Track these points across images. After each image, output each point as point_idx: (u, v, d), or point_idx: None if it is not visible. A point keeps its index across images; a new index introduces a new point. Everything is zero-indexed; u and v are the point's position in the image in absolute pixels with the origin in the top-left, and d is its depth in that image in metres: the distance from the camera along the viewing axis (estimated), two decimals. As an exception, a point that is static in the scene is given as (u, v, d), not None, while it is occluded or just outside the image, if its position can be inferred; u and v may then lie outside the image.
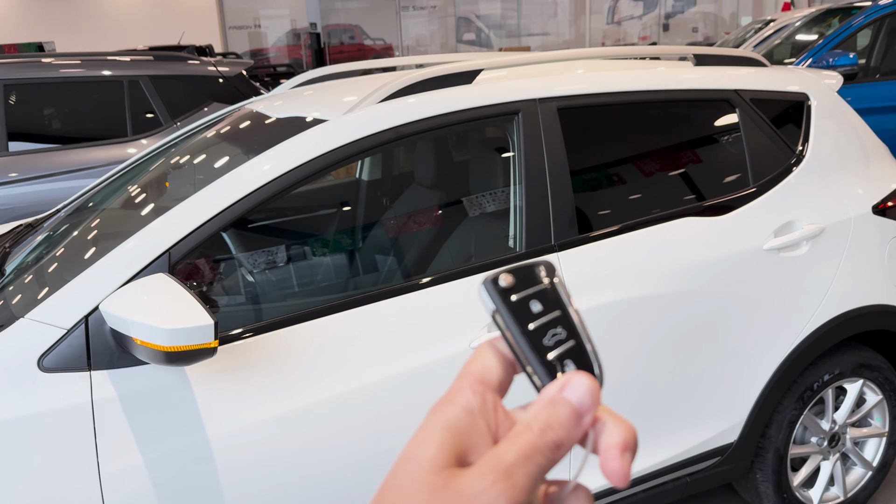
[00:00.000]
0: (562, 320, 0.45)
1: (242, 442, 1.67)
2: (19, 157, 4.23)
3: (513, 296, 0.45)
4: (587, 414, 0.42)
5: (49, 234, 2.33)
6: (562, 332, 0.45)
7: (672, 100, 2.27)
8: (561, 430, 0.41)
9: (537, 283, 0.46)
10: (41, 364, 1.56)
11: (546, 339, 0.44)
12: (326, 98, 2.31)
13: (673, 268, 2.07)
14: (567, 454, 0.42)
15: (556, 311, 0.45)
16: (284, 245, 2.41)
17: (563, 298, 0.46)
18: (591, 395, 0.42)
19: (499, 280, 0.45)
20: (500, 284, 0.45)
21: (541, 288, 0.45)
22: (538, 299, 0.45)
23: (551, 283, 0.46)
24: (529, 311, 0.45)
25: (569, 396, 0.42)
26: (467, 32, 15.72)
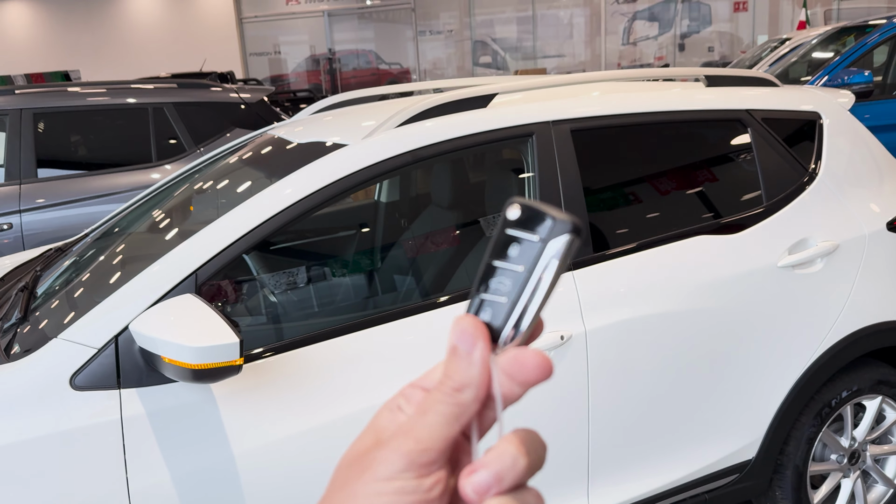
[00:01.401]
0: (516, 277, 0.43)
1: (266, 458, 1.71)
2: (48, 184, 4.34)
3: (507, 228, 0.43)
4: (475, 350, 0.42)
5: (78, 257, 2.40)
6: (506, 286, 0.43)
7: (684, 120, 2.30)
8: (456, 375, 0.42)
9: (533, 231, 0.43)
10: (73, 382, 1.62)
11: (493, 281, 0.43)
12: (346, 123, 2.37)
13: (688, 286, 2.10)
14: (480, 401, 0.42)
15: (520, 267, 0.43)
16: (305, 266, 2.46)
17: (538, 263, 0.43)
18: (469, 333, 0.42)
19: (509, 207, 0.43)
20: (507, 213, 0.43)
21: (529, 238, 0.43)
22: (519, 246, 0.43)
23: (542, 241, 0.43)
24: (505, 250, 0.43)
25: (451, 340, 0.43)
26: (483, 55, 15.85)
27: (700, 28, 15.04)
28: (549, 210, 0.43)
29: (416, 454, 0.41)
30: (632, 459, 2.12)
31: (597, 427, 2.01)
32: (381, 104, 2.63)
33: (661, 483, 2.16)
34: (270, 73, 16.17)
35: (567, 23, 15.53)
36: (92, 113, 4.60)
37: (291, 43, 16.30)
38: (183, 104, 4.65)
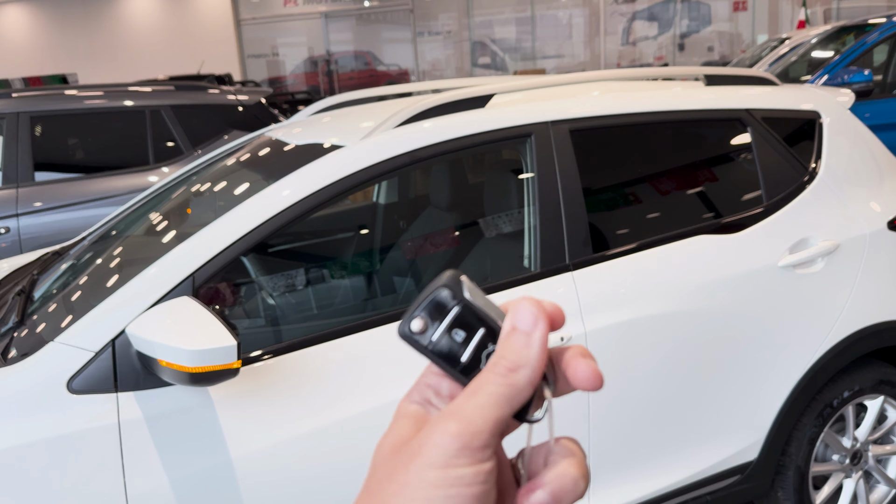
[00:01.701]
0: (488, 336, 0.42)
1: (266, 461, 1.70)
2: (46, 187, 4.33)
3: (431, 336, 0.42)
4: (535, 330, 0.41)
5: (75, 261, 2.39)
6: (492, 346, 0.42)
7: (683, 120, 2.30)
8: (512, 355, 0.40)
9: (446, 311, 0.42)
10: (70, 386, 1.61)
11: (483, 363, 0.42)
12: (343, 124, 2.36)
13: (688, 286, 2.09)
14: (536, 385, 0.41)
15: (481, 329, 0.42)
16: (303, 268, 2.46)
17: (480, 311, 0.42)
18: (531, 312, 0.41)
19: (410, 327, 0.42)
20: (413, 329, 0.42)
21: (452, 315, 0.42)
22: (455, 329, 0.42)
23: (461, 303, 0.42)
24: (455, 343, 0.42)
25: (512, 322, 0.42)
26: (482, 56, 15.86)
27: (700, 28, 15.03)
28: (429, 289, 0.42)
29: (468, 437, 0.39)
30: (632, 461, 2.11)
31: (597, 429, 2.00)
32: (379, 105, 2.62)
33: (662, 485, 2.15)
34: (268, 75, 16.18)
35: (566, 23, 15.53)
36: (89, 116, 4.59)
37: (289, 45, 16.31)
38: (180, 107, 4.64)
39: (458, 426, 0.39)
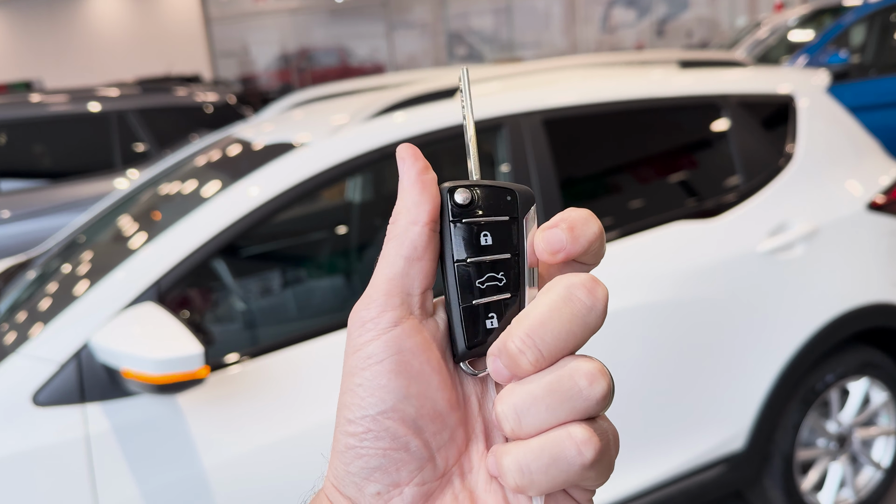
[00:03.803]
0: (506, 267, 0.39)
1: (241, 469, 1.66)
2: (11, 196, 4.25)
3: (464, 217, 0.38)
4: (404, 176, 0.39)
5: (40, 270, 2.33)
6: (502, 280, 0.38)
7: (658, 107, 2.27)
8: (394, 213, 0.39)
9: (499, 212, 0.39)
10: (36, 399, 1.56)
11: (480, 281, 0.38)
12: (310, 120, 2.31)
13: (667, 274, 2.06)
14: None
15: (506, 254, 0.39)
16: (275, 270, 2.41)
17: (522, 241, 0.39)
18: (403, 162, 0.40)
19: (455, 195, 0.38)
20: (456, 200, 0.38)
21: (499, 220, 0.39)
22: (490, 232, 0.38)
23: (513, 218, 0.39)
24: (475, 242, 0.38)
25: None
26: (459, 48, 15.79)
27: (678, 13, 15.03)
28: (504, 184, 0.39)
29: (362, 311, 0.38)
30: (618, 455, 2.08)
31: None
32: (348, 100, 2.57)
33: (648, 477, 2.12)
34: (240, 73, 16.01)
35: (543, 12, 15.50)
36: (54, 122, 4.52)
37: (260, 42, 16.15)
38: (147, 109, 4.58)
39: (358, 303, 0.38)
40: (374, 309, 0.37)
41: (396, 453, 0.37)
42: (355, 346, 0.38)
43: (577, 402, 0.36)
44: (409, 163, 0.39)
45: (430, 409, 0.38)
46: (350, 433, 0.38)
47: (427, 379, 0.37)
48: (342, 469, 0.38)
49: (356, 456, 0.38)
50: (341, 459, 0.38)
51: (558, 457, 0.35)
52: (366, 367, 0.37)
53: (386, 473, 0.37)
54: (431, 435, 0.38)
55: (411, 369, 0.37)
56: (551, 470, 0.35)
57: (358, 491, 0.38)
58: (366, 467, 0.38)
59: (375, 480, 0.38)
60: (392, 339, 0.37)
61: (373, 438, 0.37)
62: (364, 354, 0.37)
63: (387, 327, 0.37)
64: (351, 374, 0.38)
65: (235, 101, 4.95)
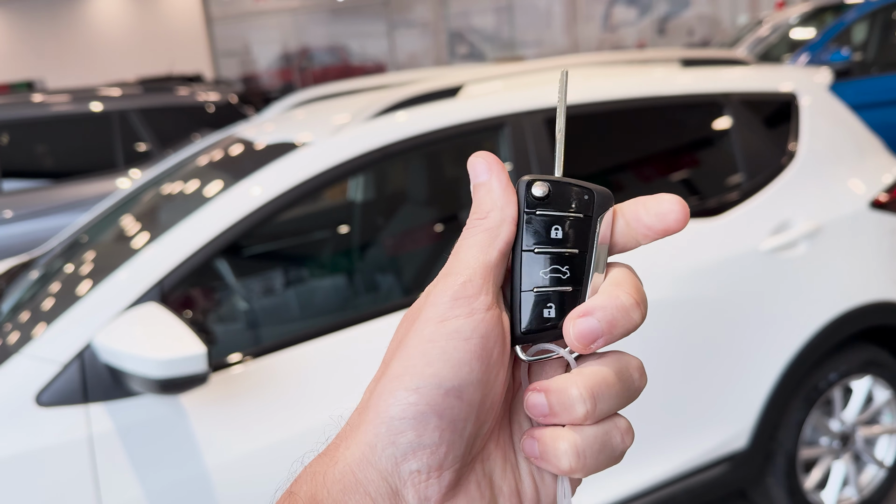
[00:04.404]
0: (572, 261, 0.40)
1: (246, 469, 1.66)
2: (14, 196, 4.25)
3: (538, 209, 0.40)
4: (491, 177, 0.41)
5: (43, 270, 2.33)
6: (565, 274, 0.40)
7: (661, 105, 2.26)
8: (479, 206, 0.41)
9: (574, 208, 0.40)
10: (39, 399, 1.56)
11: (543, 271, 0.40)
12: (313, 120, 2.31)
13: (670, 272, 2.06)
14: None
15: (574, 249, 0.40)
16: (278, 270, 2.41)
17: (591, 239, 0.40)
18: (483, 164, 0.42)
19: (533, 187, 0.40)
20: (533, 192, 0.40)
21: (571, 216, 0.40)
22: (562, 226, 0.40)
23: (587, 216, 0.40)
24: (546, 233, 0.40)
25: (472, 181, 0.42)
26: (460, 46, 15.77)
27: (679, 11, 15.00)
28: (584, 183, 0.41)
29: (458, 286, 0.38)
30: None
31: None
32: (349, 99, 2.57)
33: (651, 476, 2.12)
34: (242, 72, 16.00)
35: (544, 11, 15.48)
36: (57, 122, 4.52)
37: (262, 42, 16.14)
38: (149, 109, 4.58)
39: (450, 278, 0.39)
40: (472, 288, 0.38)
41: (451, 435, 0.37)
42: (442, 316, 0.38)
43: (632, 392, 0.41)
44: (499, 167, 0.41)
45: (490, 399, 0.38)
46: (410, 402, 0.37)
47: (497, 370, 0.38)
48: (385, 438, 0.37)
49: (410, 427, 0.37)
50: (390, 427, 0.37)
51: (607, 443, 0.39)
52: (450, 339, 0.37)
53: (434, 455, 0.37)
54: (482, 424, 0.39)
55: (490, 356, 0.38)
56: (600, 454, 0.39)
57: (394, 465, 0.37)
58: (416, 443, 0.37)
59: (420, 459, 0.37)
60: (483, 322, 0.38)
61: (435, 415, 0.36)
62: (452, 327, 0.37)
63: (480, 309, 0.38)
64: (430, 340, 0.37)
65: (237, 101, 4.95)
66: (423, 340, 0.37)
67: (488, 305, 0.38)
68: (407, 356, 0.38)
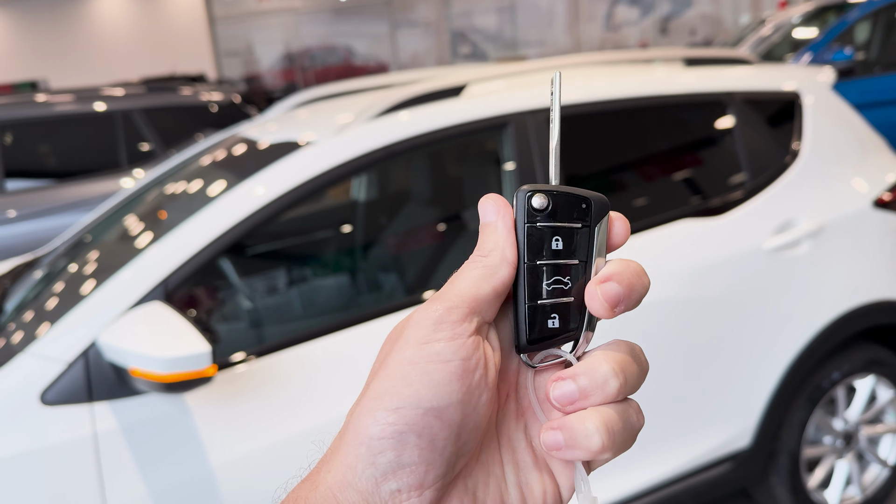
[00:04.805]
0: (574, 272, 0.41)
1: (249, 468, 1.66)
2: (18, 196, 4.26)
3: (539, 221, 0.41)
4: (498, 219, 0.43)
5: (48, 269, 2.34)
6: (567, 284, 0.41)
7: (665, 104, 2.26)
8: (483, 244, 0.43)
9: (573, 218, 0.41)
10: (43, 398, 1.57)
11: (546, 283, 0.41)
12: (316, 119, 2.31)
13: (673, 271, 2.06)
14: None
15: (574, 260, 0.41)
16: (282, 269, 2.41)
17: (590, 248, 0.41)
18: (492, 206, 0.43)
19: (532, 199, 0.41)
20: (533, 203, 0.41)
21: (572, 226, 0.41)
22: (562, 237, 0.41)
23: (586, 226, 0.41)
24: (547, 245, 0.41)
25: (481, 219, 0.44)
26: (462, 46, 15.77)
27: (682, 11, 14.99)
28: (580, 191, 0.41)
29: (443, 311, 0.39)
30: (625, 453, 2.08)
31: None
32: (354, 99, 2.58)
33: (655, 475, 2.12)
34: (244, 72, 16.01)
35: (547, 10, 15.47)
36: (60, 122, 4.53)
37: (265, 41, 16.15)
38: (152, 109, 4.58)
39: (435, 304, 0.40)
40: (456, 315, 0.39)
41: (431, 455, 0.37)
42: (424, 338, 0.39)
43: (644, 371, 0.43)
44: (507, 210, 0.43)
45: (473, 420, 0.39)
46: (389, 423, 0.37)
47: (479, 393, 0.39)
48: (365, 458, 0.37)
49: (389, 447, 0.37)
50: (369, 447, 0.37)
51: (627, 421, 0.40)
52: (430, 361, 0.38)
53: (414, 474, 0.37)
54: (464, 444, 0.39)
55: (471, 380, 0.38)
56: (624, 432, 0.40)
57: (374, 485, 0.37)
58: (395, 462, 0.37)
59: (400, 478, 0.37)
60: (464, 346, 0.39)
61: (414, 434, 0.37)
62: (433, 350, 0.38)
63: (462, 335, 0.39)
64: (410, 362, 0.38)
65: (240, 101, 4.96)
66: (404, 362, 0.38)
67: (471, 332, 0.39)
68: (387, 377, 0.38)
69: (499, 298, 0.41)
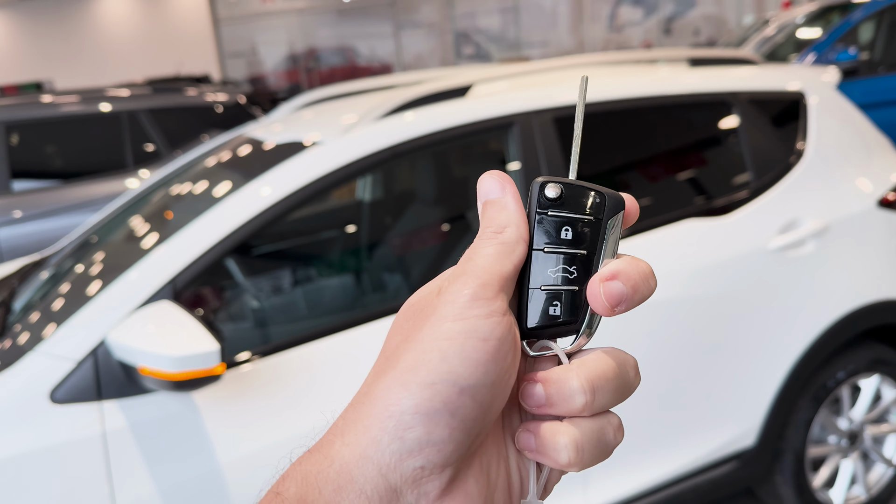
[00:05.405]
0: (581, 261, 0.41)
1: (258, 466, 1.67)
2: (24, 196, 4.28)
3: (550, 210, 0.41)
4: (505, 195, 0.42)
5: (55, 269, 2.35)
6: (573, 273, 0.41)
7: (669, 105, 2.27)
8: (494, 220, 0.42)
9: (585, 210, 0.41)
10: (53, 396, 1.58)
11: (552, 270, 0.41)
12: (322, 120, 2.32)
13: (680, 271, 2.06)
14: None
15: (583, 250, 0.41)
16: (289, 268, 2.42)
17: (600, 240, 0.41)
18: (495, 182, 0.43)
19: (546, 188, 0.41)
20: (546, 193, 0.41)
21: (582, 218, 0.41)
22: (572, 227, 0.41)
23: (597, 219, 0.41)
24: (556, 234, 0.41)
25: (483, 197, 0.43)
26: (466, 47, 15.78)
27: (685, 11, 14.97)
28: (596, 187, 0.42)
29: (478, 287, 0.38)
30: (629, 452, 2.09)
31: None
32: (359, 99, 2.59)
33: (659, 475, 2.13)
34: (249, 73, 16.03)
35: (550, 11, 15.47)
36: (66, 122, 4.54)
37: (269, 42, 16.17)
38: (158, 109, 4.60)
39: (467, 278, 0.38)
40: (490, 291, 0.38)
41: (461, 435, 0.36)
42: (460, 314, 0.37)
43: (627, 388, 0.41)
44: (512, 186, 0.42)
45: (500, 402, 0.38)
46: (425, 398, 0.36)
47: (509, 374, 0.38)
48: (392, 433, 0.36)
49: (421, 423, 0.36)
50: (398, 422, 0.36)
51: (602, 439, 0.39)
52: (468, 338, 0.37)
53: (441, 452, 0.36)
54: (487, 425, 0.38)
55: (505, 360, 0.38)
56: (596, 449, 0.39)
57: (398, 461, 0.36)
58: (424, 439, 0.36)
59: (427, 456, 0.36)
60: (500, 325, 0.38)
61: (448, 413, 0.36)
62: (470, 326, 0.37)
63: (498, 311, 0.38)
64: (448, 338, 0.37)
65: (245, 101, 4.97)
66: (440, 336, 0.37)
67: (504, 311, 0.38)
68: (422, 350, 0.37)
69: (516, 274, 0.40)
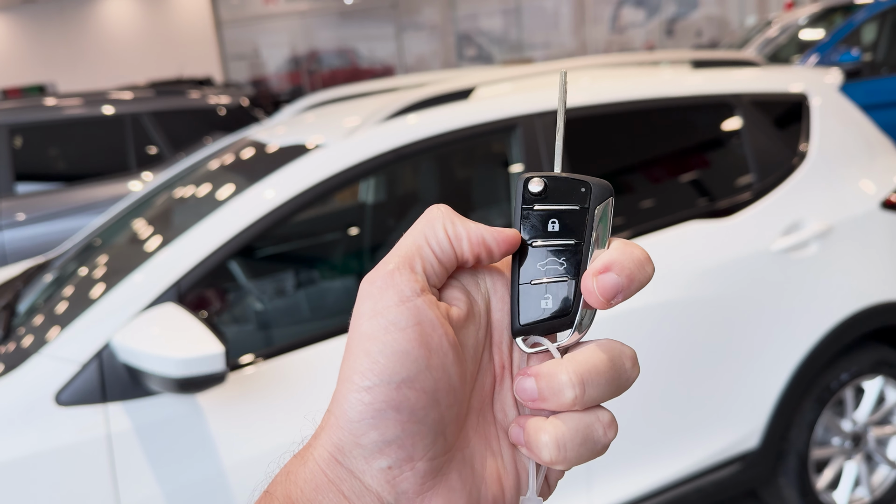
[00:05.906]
0: (569, 253, 0.41)
1: (261, 469, 1.67)
2: (28, 199, 4.29)
3: (536, 204, 0.41)
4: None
5: (59, 272, 2.36)
6: (563, 265, 0.41)
7: (672, 107, 2.27)
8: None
9: (571, 201, 0.41)
10: (58, 399, 1.58)
11: (541, 264, 0.41)
12: (325, 122, 2.33)
13: (683, 273, 2.07)
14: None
15: (570, 240, 0.41)
16: (292, 271, 2.42)
17: (588, 229, 0.41)
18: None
19: (529, 183, 0.41)
20: (530, 188, 0.41)
21: (568, 209, 0.41)
22: (559, 219, 0.41)
23: (583, 209, 0.41)
24: (543, 227, 0.41)
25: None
26: (468, 48, 15.80)
27: (687, 12, 14.97)
28: (580, 177, 0.41)
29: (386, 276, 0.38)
30: (633, 454, 2.09)
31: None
32: (362, 102, 2.59)
33: (663, 476, 2.13)
34: (251, 75, 16.06)
35: (552, 12, 15.48)
36: (69, 125, 4.56)
37: (271, 45, 16.19)
38: (161, 112, 4.61)
39: (375, 270, 0.38)
40: (399, 275, 0.38)
41: (415, 426, 0.36)
42: (374, 309, 0.37)
43: (623, 381, 0.41)
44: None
45: (447, 382, 0.38)
46: (366, 402, 0.36)
47: (445, 352, 0.38)
48: (350, 440, 0.37)
49: (371, 427, 0.36)
50: (351, 430, 0.37)
51: (589, 436, 0.39)
52: (387, 332, 0.37)
53: (401, 448, 0.36)
54: (446, 409, 0.38)
55: (431, 341, 0.37)
56: (582, 447, 0.39)
57: (366, 464, 0.37)
58: (381, 440, 0.36)
59: (389, 455, 0.36)
60: (415, 308, 0.37)
61: (392, 410, 0.36)
62: (386, 319, 0.37)
63: (409, 295, 0.37)
64: (369, 337, 0.37)
65: (248, 104, 4.98)
66: (362, 337, 0.37)
67: (417, 291, 0.38)
68: (351, 355, 0.37)
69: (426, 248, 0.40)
